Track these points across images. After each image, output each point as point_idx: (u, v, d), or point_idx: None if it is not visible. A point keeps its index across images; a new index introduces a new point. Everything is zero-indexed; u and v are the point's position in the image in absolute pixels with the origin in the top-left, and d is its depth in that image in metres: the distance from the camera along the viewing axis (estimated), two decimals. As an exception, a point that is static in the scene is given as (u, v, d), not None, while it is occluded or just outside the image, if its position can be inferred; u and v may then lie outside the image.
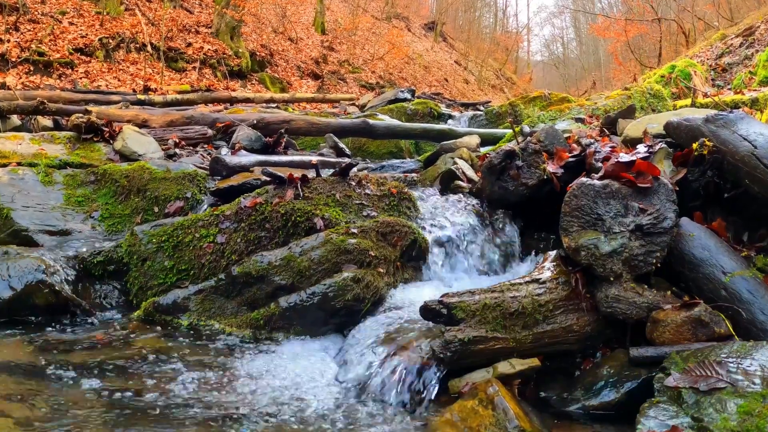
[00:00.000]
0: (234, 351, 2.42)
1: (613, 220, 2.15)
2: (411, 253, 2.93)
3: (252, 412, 1.93)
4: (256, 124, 5.14)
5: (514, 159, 3.09)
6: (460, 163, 3.84)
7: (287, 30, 18.54)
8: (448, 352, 2.08)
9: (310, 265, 2.67)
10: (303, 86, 16.31)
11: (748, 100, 5.23)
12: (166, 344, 2.44)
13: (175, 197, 3.44)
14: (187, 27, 14.74)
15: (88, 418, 1.79)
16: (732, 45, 12.52)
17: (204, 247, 2.93)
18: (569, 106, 5.85)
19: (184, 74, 13.25)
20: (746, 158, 2.27)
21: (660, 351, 1.94)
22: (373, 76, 19.85)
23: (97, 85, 10.88)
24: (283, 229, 2.95)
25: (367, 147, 6.50)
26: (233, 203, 3.08)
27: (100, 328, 2.59)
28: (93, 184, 3.55)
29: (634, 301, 2.06)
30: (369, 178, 3.31)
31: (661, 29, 20.18)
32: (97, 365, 2.19)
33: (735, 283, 2.07)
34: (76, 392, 1.98)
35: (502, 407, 1.83)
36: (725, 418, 1.60)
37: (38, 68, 10.79)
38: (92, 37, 12.14)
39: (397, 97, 9.71)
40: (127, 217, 3.39)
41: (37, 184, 3.43)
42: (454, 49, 31.48)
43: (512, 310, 2.15)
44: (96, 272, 2.91)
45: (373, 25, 23.25)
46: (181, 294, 2.72)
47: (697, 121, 2.60)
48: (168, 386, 2.07)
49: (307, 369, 2.30)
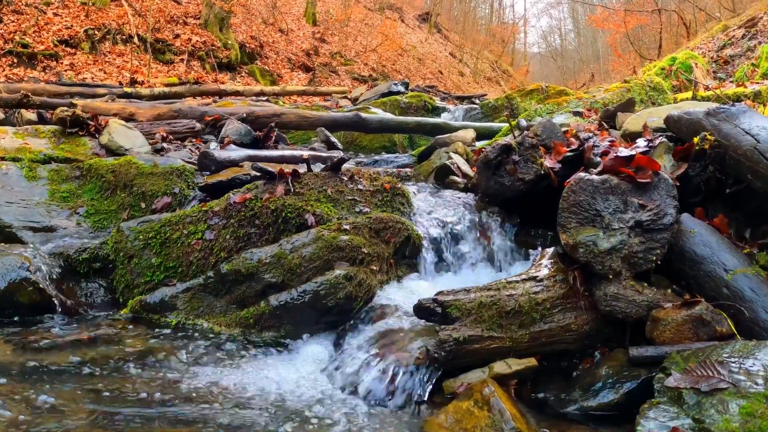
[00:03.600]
0: (223, 351, 2.41)
1: (612, 217, 2.13)
2: (405, 250, 2.92)
3: (241, 412, 1.92)
4: (245, 118, 5.13)
5: (510, 153, 3.08)
6: (455, 157, 3.83)
7: (278, 21, 18.43)
8: (442, 351, 2.06)
9: (301, 262, 2.65)
10: (294, 79, 16.24)
11: (751, 93, 5.20)
12: (153, 344, 2.42)
13: (162, 193, 3.42)
14: (174, 18, 14.62)
15: (72, 419, 1.76)
16: (734, 36, 12.47)
17: (192, 244, 2.92)
18: (567, 99, 5.82)
19: (172, 66, 13.17)
20: (749, 153, 2.25)
21: (660, 350, 1.92)
22: (365, 69, 19.78)
23: (83, 77, 10.83)
24: (273, 226, 2.93)
25: (360, 141, 6.49)
26: (222, 199, 3.07)
27: (85, 327, 2.57)
28: (78, 179, 3.53)
29: (634, 299, 2.04)
30: (362, 173, 3.29)
31: (661, 20, 20.14)
32: (82, 365, 2.16)
33: (737, 280, 2.05)
34: (60, 393, 1.94)
35: (498, 408, 1.82)
36: (727, 420, 1.57)
37: (22, 60, 10.70)
38: (77, 29, 12.03)
39: (391, 90, 9.69)
40: (114, 213, 3.37)
41: (20, 180, 3.40)
42: (449, 40, 31.42)
43: (509, 308, 2.13)
44: (81, 270, 2.90)
45: (365, 15, 23.17)
46: (169, 292, 2.71)
47: (698, 114, 2.58)
48: (155, 387, 2.05)
49: (298, 369, 2.29)
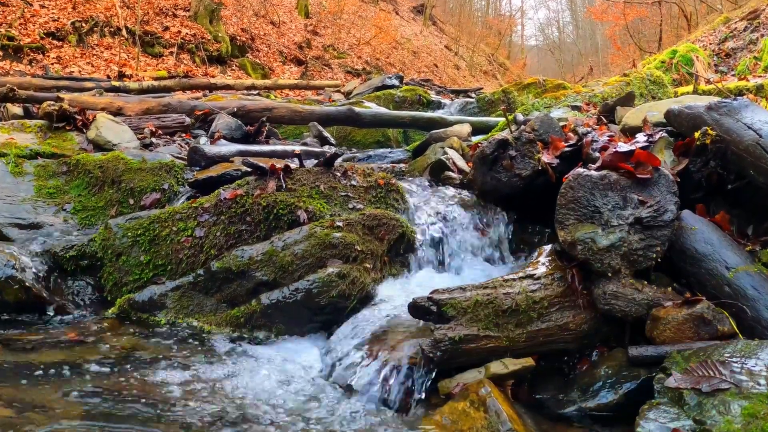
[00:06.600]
0: (213, 350, 2.38)
1: (611, 213, 2.11)
2: (399, 247, 2.90)
3: (231, 413, 1.90)
4: (236, 112, 5.10)
5: (507, 149, 3.06)
6: (451, 152, 3.80)
7: (269, 13, 18.31)
8: (437, 351, 2.04)
9: (293, 260, 2.63)
10: (286, 72, 16.15)
11: (753, 86, 5.18)
12: (141, 343, 2.40)
13: (151, 189, 3.38)
14: (163, 10, 14.50)
15: (58, 419, 1.75)
16: (736, 29, 12.41)
17: (182, 242, 2.89)
18: (565, 93, 5.82)
19: (161, 60, 13.06)
20: (751, 148, 2.23)
21: (660, 350, 1.91)
22: (359, 62, 19.71)
23: (70, 71, 10.74)
24: (264, 223, 2.90)
25: (353, 136, 6.45)
26: (212, 195, 3.04)
27: (72, 326, 2.56)
28: (65, 174, 3.48)
29: (633, 297, 2.01)
30: (355, 169, 3.27)
31: (661, 12, 20.14)
32: (69, 365, 2.13)
33: (739, 278, 2.03)
34: (46, 393, 1.93)
35: (495, 409, 1.80)
36: (729, 421, 1.56)
37: (7, 53, 10.58)
38: (64, 21, 11.91)
39: (385, 83, 9.63)
40: (101, 210, 3.33)
41: (6, 175, 3.35)
42: (445, 33, 31.37)
43: (505, 307, 2.11)
44: (68, 267, 2.87)
45: (359, 8, 23.09)
46: (158, 290, 2.69)
47: (699, 108, 2.56)
48: (143, 387, 2.04)
49: (290, 369, 2.27)
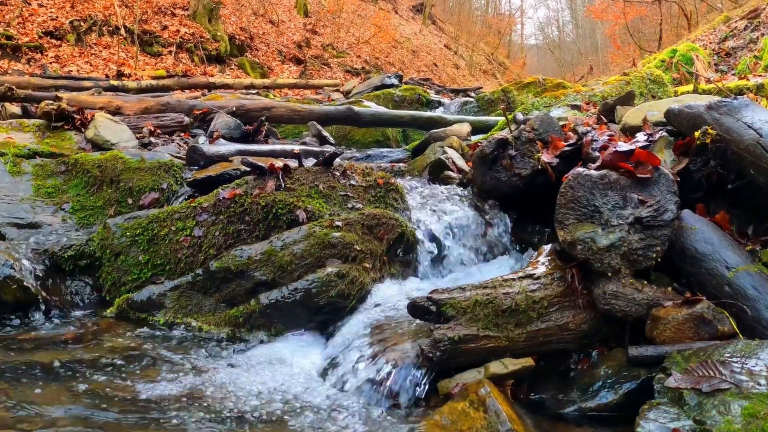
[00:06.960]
0: (212, 351, 2.38)
1: (611, 213, 2.10)
2: (398, 247, 2.89)
3: (230, 414, 1.89)
4: (235, 112, 5.11)
5: (506, 148, 3.06)
6: (450, 152, 3.80)
7: (268, 12, 18.29)
8: (437, 351, 2.03)
9: (292, 259, 2.62)
10: (285, 71, 16.13)
11: (753, 86, 5.16)
12: (140, 343, 2.39)
13: (150, 188, 3.37)
14: (162, 9, 14.48)
15: (55, 419, 1.74)
16: (736, 28, 12.40)
17: (180, 241, 2.88)
18: (565, 92, 5.81)
19: (160, 59, 13.04)
20: (751, 147, 2.22)
21: (660, 350, 1.90)
22: (358, 61, 19.70)
23: (68, 70, 10.73)
24: (263, 222, 2.90)
25: (352, 135, 6.45)
26: (211, 195, 3.03)
27: (70, 326, 2.55)
28: (64, 174, 3.48)
29: (633, 297, 2.01)
30: (354, 168, 3.26)
31: (661, 11, 20.13)
32: (67, 365, 2.13)
33: (739, 278, 2.02)
34: (43, 393, 1.92)
35: (494, 409, 1.79)
36: (729, 421, 1.55)
37: (6, 53, 10.57)
38: (63, 20, 11.89)
39: (384, 82, 9.64)
40: (100, 210, 3.32)
41: (4, 175, 3.34)
42: (444, 32, 31.36)
43: (505, 307, 2.10)
44: (67, 267, 2.86)
45: (358, 6, 23.08)
46: (157, 290, 2.69)
47: (699, 108, 2.55)
48: (142, 387, 2.03)
49: (288, 369, 2.26)
